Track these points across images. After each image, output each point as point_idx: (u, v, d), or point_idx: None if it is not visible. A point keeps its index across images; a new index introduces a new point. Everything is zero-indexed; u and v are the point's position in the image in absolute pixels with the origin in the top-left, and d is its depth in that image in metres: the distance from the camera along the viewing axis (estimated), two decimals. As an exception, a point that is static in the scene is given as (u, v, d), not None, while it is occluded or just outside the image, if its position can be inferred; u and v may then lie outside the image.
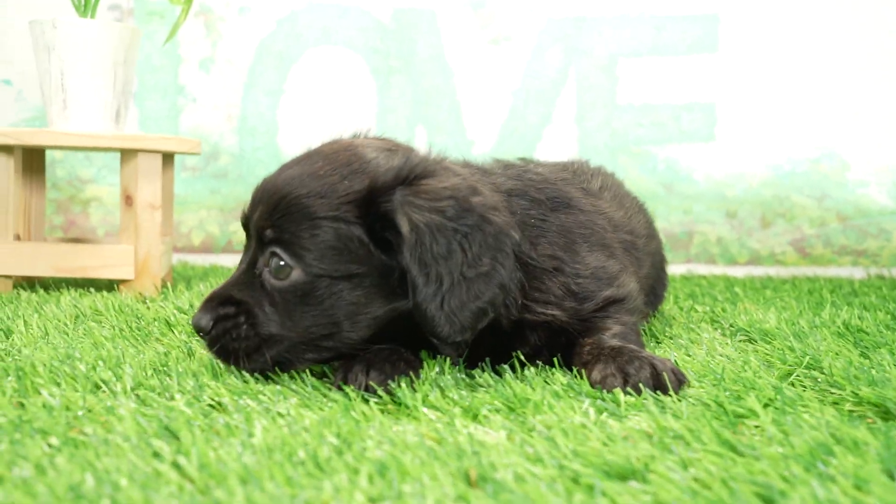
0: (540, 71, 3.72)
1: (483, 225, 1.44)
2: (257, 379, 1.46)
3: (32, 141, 2.52)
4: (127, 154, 2.60)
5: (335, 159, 1.51)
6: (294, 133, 3.73)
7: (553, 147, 3.69)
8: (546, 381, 1.49)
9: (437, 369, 1.50)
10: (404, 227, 1.41)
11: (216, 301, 1.48)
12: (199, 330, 1.48)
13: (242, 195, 3.73)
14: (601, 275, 1.67)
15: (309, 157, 1.55)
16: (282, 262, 1.46)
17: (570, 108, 3.71)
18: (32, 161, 2.79)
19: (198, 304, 2.26)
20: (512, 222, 1.51)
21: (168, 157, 2.85)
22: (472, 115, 3.73)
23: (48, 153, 3.59)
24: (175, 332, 1.89)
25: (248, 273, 1.50)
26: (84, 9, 2.63)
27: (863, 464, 1.05)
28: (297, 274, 1.45)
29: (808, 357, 1.68)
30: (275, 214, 1.47)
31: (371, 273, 1.46)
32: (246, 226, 1.55)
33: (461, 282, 1.42)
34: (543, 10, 3.70)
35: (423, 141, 3.72)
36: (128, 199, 2.59)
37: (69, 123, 2.59)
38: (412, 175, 1.45)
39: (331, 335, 1.47)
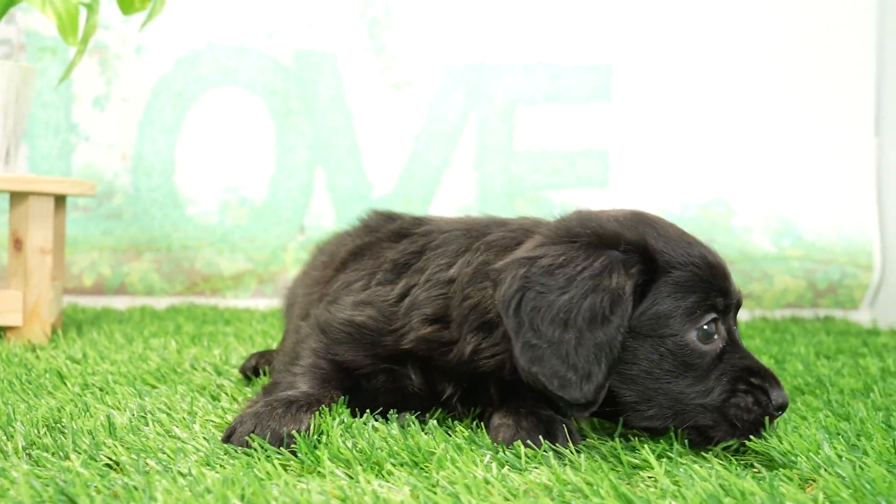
0: (440, 116, 3.77)
1: None
2: (158, 434, 1.43)
3: (-85, 182, 2.41)
4: (17, 197, 2.52)
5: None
6: (192, 173, 3.68)
7: (452, 192, 3.74)
8: (448, 433, 1.51)
9: (341, 418, 1.50)
10: None
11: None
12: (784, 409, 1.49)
13: (136, 236, 3.65)
14: None
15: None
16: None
17: (470, 153, 3.77)
18: (-86, 201, 2.68)
19: (91, 352, 2.21)
20: None
21: (60, 199, 2.77)
22: (373, 158, 3.75)
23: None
24: (68, 384, 1.84)
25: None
26: (-27, 46, 2.56)
27: (751, 515, 1.10)
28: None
29: (698, 404, 1.75)
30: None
31: None
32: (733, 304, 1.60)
33: None
34: (445, 56, 3.77)
35: (323, 183, 3.73)
36: (17, 243, 2.51)
37: (-45, 164, 2.50)
38: None
39: None
